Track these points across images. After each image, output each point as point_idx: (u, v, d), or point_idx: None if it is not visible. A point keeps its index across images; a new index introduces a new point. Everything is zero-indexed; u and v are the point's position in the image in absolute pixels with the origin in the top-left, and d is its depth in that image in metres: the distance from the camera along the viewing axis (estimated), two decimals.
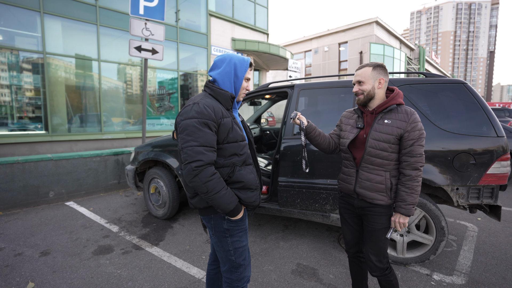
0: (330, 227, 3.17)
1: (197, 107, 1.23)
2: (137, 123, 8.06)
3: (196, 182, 1.19)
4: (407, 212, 1.44)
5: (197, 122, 1.20)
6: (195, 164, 1.18)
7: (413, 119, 1.44)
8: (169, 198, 3.27)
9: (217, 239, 1.39)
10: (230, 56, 1.34)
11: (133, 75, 8.05)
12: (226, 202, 1.25)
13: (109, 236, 2.96)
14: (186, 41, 9.14)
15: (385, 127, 1.46)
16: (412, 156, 1.43)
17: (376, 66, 1.51)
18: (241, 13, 11.19)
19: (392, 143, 1.45)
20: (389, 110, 1.49)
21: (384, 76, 1.50)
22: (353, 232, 1.68)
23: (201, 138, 1.20)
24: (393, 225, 1.49)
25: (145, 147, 3.55)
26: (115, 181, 4.64)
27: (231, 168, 1.31)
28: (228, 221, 1.34)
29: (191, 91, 9.63)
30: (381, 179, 1.49)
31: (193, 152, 1.19)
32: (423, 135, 1.44)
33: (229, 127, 1.29)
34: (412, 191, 1.42)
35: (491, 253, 2.62)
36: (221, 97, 1.32)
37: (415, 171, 1.42)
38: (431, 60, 31.88)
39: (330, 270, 2.32)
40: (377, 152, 1.48)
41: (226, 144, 1.29)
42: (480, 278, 2.22)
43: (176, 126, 1.29)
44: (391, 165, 1.48)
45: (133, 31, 5.05)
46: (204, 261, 2.44)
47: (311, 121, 2.80)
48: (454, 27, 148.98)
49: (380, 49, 20.98)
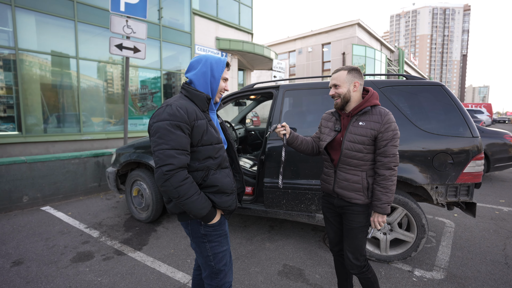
0: (316, 227, 3.20)
1: (170, 109, 1.20)
2: (118, 123, 7.81)
3: (167, 187, 1.16)
4: (383, 211, 1.48)
5: (169, 124, 1.17)
6: (166, 168, 1.15)
7: (387, 120, 1.47)
8: (152, 200, 3.18)
9: (196, 245, 1.36)
10: (206, 57, 1.32)
11: (114, 74, 7.79)
12: (199, 207, 1.22)
13: (89, 242, 2.84)
14: (170, 39, 8.95)
15: (360, 129, 1.50)
16: (385, 156, 1.47)
17: (351, 69, 1.54)
18: (225, 12, 11.11)
19: (367, 144, 1.50)
20: (364, 112, 1.53)
21: (359, 79, 1.54)
22: (336, 231, 1.72)
23: (172, 141, 1.17)
24: (372, 225, 1.53)
25: (127, 148, 3.44)
26: (95, 184, 4.47)
27: (206, 172, 1.28)
28: (205, 226, 1.31)
29: (174, 90, 9.45)
30: (357, 179, 1.53)
31: (164, 156, 1.16)
32: (397, 135, 1.48)
33: (203, 129, 1.26)
34: (386, 190, 1.47)
35: (467, 247, 2.75)
36: (196, 99, 1.30)
37: (388, 171, 1.47)
38: (410, 62, 33.07)
39: (316, 270, 2.34)
40: (352, 153, 1.52)
41: (200, 147, 1.26)
42: (458, 272, 2.31)
43: (149, 129, 1.25)
44: (367, 165, 1.53)
45: (114, 29, 4.88)
46: (190, 265, 2.39)
47: (296, 122, 2.84)
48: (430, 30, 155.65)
49: (362, 50, 21.52)
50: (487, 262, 2.47)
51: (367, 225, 1.57)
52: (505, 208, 3.91)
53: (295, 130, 2.72)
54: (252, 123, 5.25)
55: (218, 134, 1.34)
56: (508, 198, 4.33)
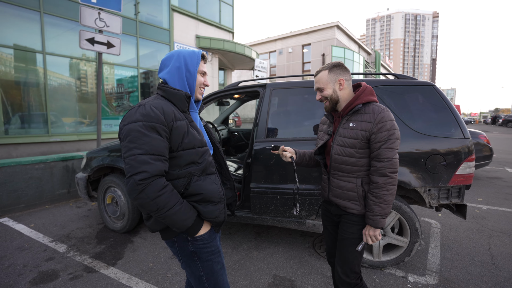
0: (305, 233, 3.08)
1: (143, 109, 1.03)
2: (92, 124, 7.29)
3: (143, 199, 0.98)
4: (375, 224, 1.30)
5: (142, 126, 1.01)
6: (139, 176, 0.97)
7: (380, 118, 1.28)
8: (128, 208, 2.90)
9: (186, 264, 1.18)
10: (178, 52, 1.18)
11: (87, 71, 7.27)
12: (183, 218, 1.05)
13: (54, 259, 2.52)
14: (147, 36, 8.53)
15: (350, 131, 1.34)
16: (379, 160, 1.28)
17: (332, 67, 1.39)
18: (205, 10, 10.82)
19: (359, 147, 1.32)
20: (355, 112, 1.36)
21: (344, 75, 1.38)
22: (333, 240, 1.57)
23: (146, 144, 1.00)
24: (364, 238, 1.35)
25: (100, 151, 3.13)
26: (63, 191, 4.07)
27: (188, 179, 1.11)
28: (194, 242, 1.13)
29: (152, 90, 9.04)
30: (352, 186, 1.37)
31: (136, 162, 0.98)
32: (393, 136, 1.27)
33: (183, 131, 1.09)
34: (380, 200, 1.28)
35: (454, 249, 2.74)
36: (174, 98, 1.13)
37: (382, 178, 1.27)
38: (385, 64, 34.33)
39: (308, 280, 2.20)
40: (343, 158, 1.36)
41: (181, 152, 1.09)
42: (450, 275, 2.27)
43: (119, 133, 1.07)
44: (361, 171, 1.35)
45: (84, 21, 4.50)
46: (171, 281, 2.17)
47: (283, 121, 2.69)
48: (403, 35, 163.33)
49: (341, 52, 21.97)
50: (475, 263, 2.46)
51: (360, 237, 1.39)
52: (483, 206, 4.01)
53: (281, 131, 2.58)
54: (235, 124, 5.06)
55: (201, 136, 1.16)
56: (485, 196, 4.46)
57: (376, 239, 1.33)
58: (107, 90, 7.64)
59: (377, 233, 1.32)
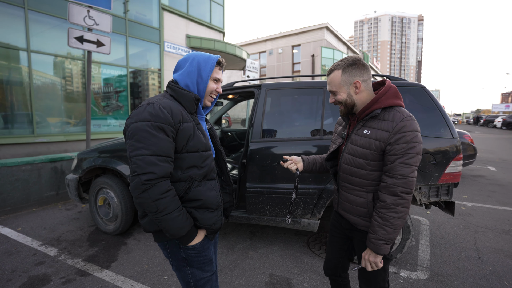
0: (299, 232, 3.11)
1: (151, 108, 1.03)
2: (79, 124, 7.12)
3: (144, 199, 0.99)
4: (376, 249, 1.11)
5: (150, 125, 1.00)
6: (145, 177, 0.98)
7: (400, 128, 1.08)
8: (121, 210, 2.86)
9: (176, 269, 1.21)
10: (194, 55, 1.17)
11: (74, 70, 7.09)
12: (178, 226, 1.04)
13: (45, 263, 2.45)
14: (137, 35, 8.40)
15: (362, 140, 1.17)
16: (391, 176, 1.09)
17: (347, 66, 1.18)
18: (196, 9, 10.74)
19: (371, 159, 1.15)
20: (372, 117, 1.17)
21: (360, 76, 1.18)
22: (333, 253, 1.44)
23: (154, 145, 1.00)
24: (362, 262, 1.19)
25: (91, 152, 3.06)
26: (52, 193, 3.96)
27: (189, 183, 1.10)
28: (186, 249, 1.13)
29: (141, 89, 8.90)
30: (362, 202, 1.21)
31: (143, 163, 0.98)
32: (413, 150, 1.07)
33: (189, 133, 1.09)
34: (385, 223, 1.09)
35: (443, 244, 2.84)
36: (183, 99, 1.13)
37: (392, 197, 1.08)
38: (373, 66, 35.00)
39: (304, 278, 2.23)
40: (353, 169, 1.21)
41: (184, 154, 1.09)
42: (439, 270, 2.36)
43: (125, 130, 1.06)
44: (373, 185, 1.18)
45: (73, 19, 4.40)
46: (167, 282, 2.15)
47: (278, 122, 2.71)
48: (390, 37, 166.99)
49: (330, 53, 22.25)
50: (463, 258, 2.56)
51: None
52: (469, 203, 4.17)
53: (276, 132, 2.60)
54: (228, 124, 5.05)
55: (206, 140, 1.16)
56: (470, 194, 4.64)
57: (376, 267, 1.14)
58: (95, 89, 7.48)
59: (378, 260, 1.13)
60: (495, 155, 8.82)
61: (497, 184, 5.29)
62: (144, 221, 1.12)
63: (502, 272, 2.33)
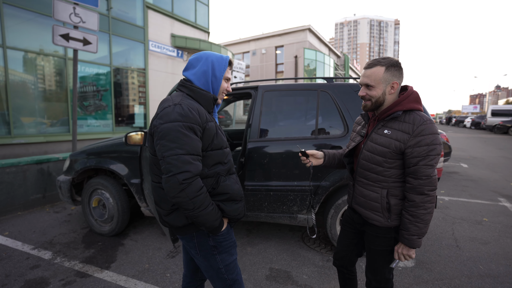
0: (293, 227, 3.24)
1: (180, 109, 1.07)
2: (60, 124, 6.86)
3: (182, 198, 1.03)
4: (410, 244, 1.20)
5: (182, 126, 1.05)
6: (182, 176, 1.02)
7: (420, 130, 1.14)
8: (117, 211, 2.85)
9: (203, 258, 1.24)
10: (206, 54, 1.21)
11: (54, 68, 6.81)
12: (213, 218, 1.12)
13: (40, 266, 2.40)
14: (120, 33, 8.20)
15: (382, 138, 1.23)
16: (416, 178, 1.16)
17: (390, 65, 1.21)
18: (181, 8, 10.64)
19: (389, 158, 1.21)
20: (393, 118, 1.23)
21: (399, 79, 1.23)
22: (343, 245, 1.54)
23: (187, 145, 1.04)
24: (396, 256, 1.27)
25: (84, 153, 3.02)
26: (38, 196, 3.83)
27: (215, 179, 1.17)
28: (214, 236, 1.21)
29: (125, 88, 8.70)
30: (376, 197, 1.28)
31: (179, 162, 1.02)
32: (434, 151, 1.14)
33: (213, 132, 1.16)
34: (416, 219, 1.18)
35: (426, 235, 3.06)
36: (202, 99, 1.18)
37: (420, 196, 1.16)
38: (354, 67, 36.11)
39: (302, 270, 2.35)
40: (371, 166, 1.28)
41: (210, 152, 1.15)
42: (423, 258, 2.56)
43: (153, 130, 1.10)
44: (388, 182, 1.25)
45: (58, 15, 4.27)
46: (170, 280, 2.19)
47: (275, 123, 2.82)
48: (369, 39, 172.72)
49: (312, 54, 22.73)
50: (443, 247, 2.79)
51: (388, 249, 1.31)
52: (446, 197, 4.49)
53: (273, 131, 2.70)
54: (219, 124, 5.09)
55: (225, 137, 1.24)
56: (446, 189, 4.98)
57: (410, 258, 1.24)
58: (77, 88, 7.22)
59: (411, 253, 1.23)
60: (466, 153, 9.46)
61: (470, 179, 5.71)
62: (171, 217, 1.17)
63: (477, 258, 2.57)
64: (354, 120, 2.49)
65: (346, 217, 1.54)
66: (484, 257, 2.58)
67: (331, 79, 2.75)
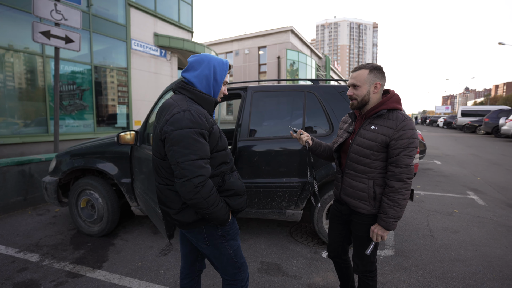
0: (281, 223, 3.37)
1: (190, 116, 1.12)
2: (37, 125, 6.59)
3: (198, 199, 1.12)
4: (387, 226, 1.36)
5: (194, 132, 1.11)
6: (198, 180, 1.10)
7: (402, 126, 1.33)
8: (107, 211, 2.84)
9: (214, 248, 1.32)
10: (208, 58, 1.24)
11: (30, 66, 6.53)
12: (224, 213, 1.22)
13: (28, 269, 2.36)
14: (101, 31, 8.00)
15: (370, 134, 1.40)
16: (397, 166, 1.33)
17: (373, 68, 1.41)
18: (164, 7, 10.51)
19: (376, 150, 1.38)
20: (378, 116, 1.41)
21: (381, 80, 1.42)
22: (334, 237, 1.68)
23: (199, 150, 1.12)
24: (371, 234, 1.42)
25: (71, 154, 2.97)
26: (19, 198, 3.71)
27: (221, 177, 1.27)
28: (222, 227, 1.31)
29: (107, 88, 8.49)
30: (363, 187, 1.44)
31: (193, 167, 1.10)
32: (413, 144, 1.33)
33: (218, 135, 1.25)
34: (395, 204, 1.33)
35: (404, 227, 3.30)
36: (204, 102, 1.24)
37: (399, 183, 1.33)
38: (334, 68, 37.05)
39: (292, 262, 2.48)
40: (359, 158, 1.43)
41: (215, 153, 1.24)
42: (402, 247, 2.77)
43: (164, 136, 1.14)
44: (374, 173, 1.41)
45: (38, 12, 4.16)
46: (165, 276, 2.24)
47: (264, 123, 2.93)
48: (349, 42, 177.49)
49: (295, 55, 23.11)
50: (419, 236, 3.03)
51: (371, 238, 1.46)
52: (421, 192, 4.80)
53: (262, 131, 2.81)
54: None
55: (225, 138, 1.34)
56: (422, 184, 5.32)
57: (382, 239, 1.40)
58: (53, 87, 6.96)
59: (385, 234, 1.38)
60: (439, 151, 10.06)
61: (442, 175, 6.12)
62: (180, 215, 1.24)
63: (448, 245, 2.82)
64: (339, 119, 2.65)
65: (333, 211, 1.68)
66: (455, 244, 2.83)
67: (316, 81, 2.90)
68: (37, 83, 6.62)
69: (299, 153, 2.61)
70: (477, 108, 21.15)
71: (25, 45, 6.28)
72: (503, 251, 2.69)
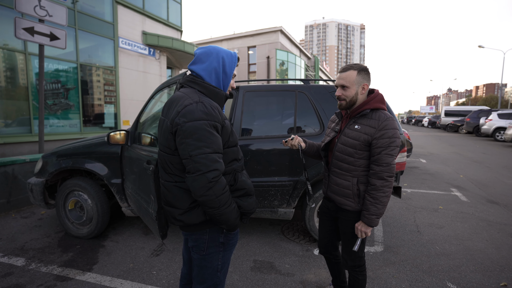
0: (273, 222, 3.39)
1: (203, 107, 1.06)
2: (18, 124, 6.36)
3: (209, 196, 1.03)
4: (369, 222, 1.39)
5: (207, 124, 1.04)
6: (212, 174, 1.02)
7: (383, 125, 1.36)
8: (97, 212, 2.78)
9: (207, 255, 1.22)
10: (216, 50, 1.17)
11: (10, 64, 6.29)
12: (235, 216, 1.13)
13: (13, 273, 2.29)
14: (87, 28, 7.80)
15: (353, 133, 1.43)
16: (378, 164, 1.36)
17: (361, 69, 1.43)
18: (152, 5, 10.34)
19: (359, 149, 1.41)
20: (362, 115, 1.44)
21: (368, 81, 1.45)
22: (324, 234, 1.72)
23: (214, 143, 1.04)
24: (356, 231, 1.46)
25: (57, 154, 2.89)
26: (2, 201, 3.57)
27: (232, 175, 1.19)
28: (226, 234, 1.22)
29: (94, 87, 8.29)
30: (348, 184, 1.47)
31: (208, 161, 1.02)
32: (394, 143, 1.36)
33: (229, 130, 1.17)
34: (376, 201, 1.36)
35: (392, 223, 3.39)
36: (215, 96, 1.16)
37: (380, 181, 1.36)
38: (323, 69, 37.48)
39: (284, 260, 2.50)
40: (343, 157, 1.46)
41: (227, 149, 1.16)
42: (391, 243, 2.85)
43: (175, 128, 1.06)
44: (358, 171, 1.45)
45: (20, 7, 4.02)
46: (157, 277, 2.22)
47: (255, 122, 2.94)
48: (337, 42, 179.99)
49: (284, 55, 23.22)
50: (407, 232, 3.12)
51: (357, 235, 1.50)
52: (408, 189, 4.94)
53: (253, 130, 2.83)
54: None
55: None
56: (409, 182, 5.48)
57: (366, 235, 1.43)
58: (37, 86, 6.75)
59: (369, 230, 1.42)
60: (425, 150, 10.36)
61: (428, 173, 6.32)
62: (186, 215, 1.15)
63: (434, 240, 2.92)
64: (329, 118, 2.70)
65: (323, 208, 1.73)
66: (440, 239, 2.94)
67: (307, 81, 2.94)
68: (19, 81, 6.39)
69: (290, 152, 2.64)
70: (459, 108, 21.92)
71: (5, 41, 6.05)
72: (484, 245, 2.81)
